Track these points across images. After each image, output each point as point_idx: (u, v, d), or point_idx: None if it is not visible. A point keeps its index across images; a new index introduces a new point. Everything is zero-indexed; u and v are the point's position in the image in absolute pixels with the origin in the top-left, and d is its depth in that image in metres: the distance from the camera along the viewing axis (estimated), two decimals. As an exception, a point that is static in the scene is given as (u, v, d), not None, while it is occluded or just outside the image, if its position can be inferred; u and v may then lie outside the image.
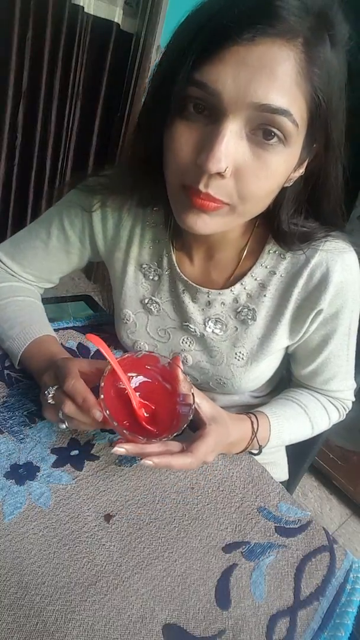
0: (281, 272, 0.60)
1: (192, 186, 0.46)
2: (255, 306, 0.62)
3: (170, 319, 0.67)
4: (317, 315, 0.60)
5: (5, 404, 0.58)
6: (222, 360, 0.65)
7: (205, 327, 0.64)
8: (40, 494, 0.48)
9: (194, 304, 0.65)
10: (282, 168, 0.46)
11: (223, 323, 0.64)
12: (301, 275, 0.59)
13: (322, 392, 0.71)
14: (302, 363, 0.69)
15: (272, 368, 0.69)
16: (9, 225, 2.38)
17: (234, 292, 0.62)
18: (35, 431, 0.55)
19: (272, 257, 0.61)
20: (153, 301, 0.67)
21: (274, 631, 0.42)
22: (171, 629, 0.40)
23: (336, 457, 1.59)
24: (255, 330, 0.63)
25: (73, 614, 0.39)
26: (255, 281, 0.62)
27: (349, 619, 0.44)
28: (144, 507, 0.50)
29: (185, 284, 0.64)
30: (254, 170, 0.44)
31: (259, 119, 0.42)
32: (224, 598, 0.44)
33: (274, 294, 0.61)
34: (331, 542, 0.52)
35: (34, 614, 0.38)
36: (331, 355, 0.66)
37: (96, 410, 0.47)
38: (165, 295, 0.66)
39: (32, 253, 0.71)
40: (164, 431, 0.49)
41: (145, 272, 0.67)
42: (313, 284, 0.59)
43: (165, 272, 0.66)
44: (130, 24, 2.25)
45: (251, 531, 0.51)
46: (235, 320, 0.63)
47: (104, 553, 0.44)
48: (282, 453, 0.85)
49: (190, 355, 0.67)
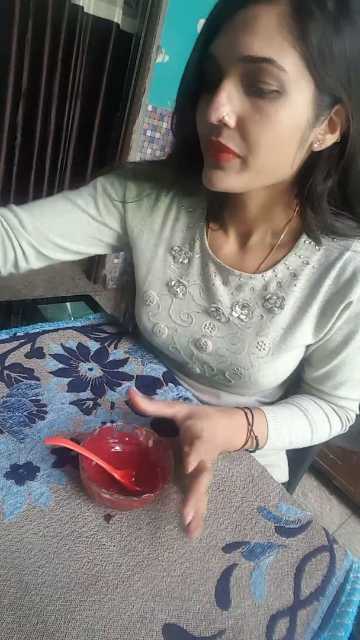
0: (314, 263, 0.62)
1: (208, 143, 0.52)
2: (284, 294, 0.63)
3: (195, 303, 0.68)
4: (345, 309, 0.60)
5: (5, 404, 0.58)
6: (244, 348, 0.65)
7: (232, 312, 0.65)
8: (40, 494, 0.48)
9: (225, 286, 0.66)
10: (285, 117, 0.48)
11: (250, 309, 0.65)
12: (334, 267, 0.60)
13: (329, 398, 0.69)
14: (317, 365, 0.68)
15: (290, 367, 0.69)
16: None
17: (265, 279, 0.64)
18: (35, 431, 0.55)
19: (307, 248, 0.62)
20: (180, 283, 0.68)
21: (274, 631, 0.42)
22: (171, 629, 0.40)
23: (336, 457, 1.59)
24: (280, 320, 0.63)
25: (73, 614, 0.39)
26: (287, 270, 0.63)
27: (349, 619, 0.44)
28: (144, 507, 0.50)
29: (218, 266, 0.66)
30: (254, 119, 0.49)
31: (249, 71, 0.47)
32: (224, 598, 0.44)
33: (305, 285, 0.62)
34: (331, 542, 0.52)
35: (34, 614, 0.38)
36: (347, 359, 0.65)
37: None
38: (194, 278, 0.68)
39: (51, 208, 0.69)
40: (157, 485, 0.49)
41: (175, 255, 0.69)
42: (345, 277, 0.60)
43: (196, 256, 0.68)
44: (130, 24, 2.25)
45: (251, 531, 0.51)
46: (262, 309, 0.64)
47: (104, 553, 0.44)
48: (282, 455, 0.85)
49: (210, 341, 0.67)
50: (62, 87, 2.24)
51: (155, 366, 0.73)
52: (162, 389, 0.69)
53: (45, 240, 0.69)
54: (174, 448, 0.52)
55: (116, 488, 0.49)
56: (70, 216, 0.69)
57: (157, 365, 0.73)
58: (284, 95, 0.47)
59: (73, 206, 0.69)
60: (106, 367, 0.70)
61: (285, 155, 0.52)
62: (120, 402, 0.64)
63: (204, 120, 0.51)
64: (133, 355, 0.75)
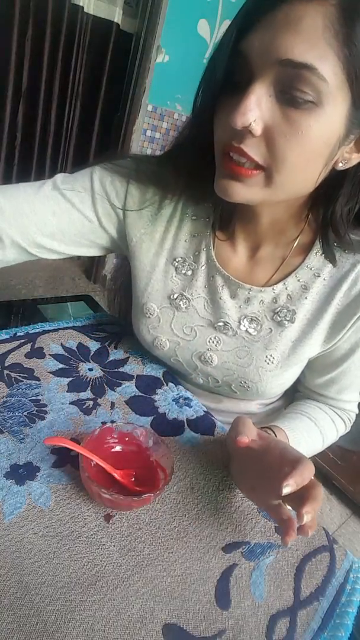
0: (325, 275, 0.60)
1: (226, 148, 0.47)
2: (295, 307, 0.61)
3: (199, 316, 0.65)
4: (358, 320, 0.59)
5: (5, 404, 0.58)
6: (252, 362, 0.63)
7: (240, 325, 0.63)
8: (40, 494, 0.48)
9: (232, 300, 0.63)
10: (316, 131, 0.44)
11: (259, 322, 0.62)
12: (346, 280, 0.58)
13: (332, 402, 0.69)
14: (321, 371, 0.67)
15: (296, 376, 0.68)
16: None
17: (275, 292, 0.61)
18: (35, 431, 0.55)
19: (319, 260, 0.60)
20: (183, 297, 0.64)
21: (274, 631, 0.42)
22: (171, 629, 0.40)
23: (336, 457, 1.59)
24: (290, 334, 0.61)
25: (73, 614, 0.39)
26: (298, 282, 0.60)
27: (349, 619, 0.44)
28: (144, 507, 0.50)
29: (227, 280, 0.62)
30: (282, 130, 0.44)
31: (285, 76, 0.42)
32: (224, 598, 0.44)
33: (315, 297, 0.60)
34: (331, 542, 0.52)
35: (34, 614, 0.38)
36: (352, 365, 0.64)
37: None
38: (198, 291, 0.64)
39: (41, 202, 0.60)
40: (157, 485, 0.48)
41: (177, 266, 0.65)
42: (357, 289, 0.58)
43: (201, 267, 0.63)
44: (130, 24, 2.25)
45: (251, 531, 0.51)
46: (271, 322, 0.62)
47: (104, 553, 0.44)
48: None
49: (216, 355, 0.65)
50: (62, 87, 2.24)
51: (156, 366, 0.73)
52: (162, 389, 0.69)
53: (31, 241, 0.62)
54: (173, 448, 0.52)
55: (116, 488, 0.49)
56: (63, 216, 0.62)
57: (157, 365, 0.73)
58: (319, 107, 0.42)
59: (67, 204, 0.62)
60: (106, 367, 0.70)
61: (311, 173, 0.48)
62: (120, 402, 0.64)
63: (225, 124, 0.46)
64: (133, 355, 0.75)
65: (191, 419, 0.64)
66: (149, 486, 0.48)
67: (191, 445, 0.60)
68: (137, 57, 2.22)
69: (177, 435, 0.61)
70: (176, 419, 0.63)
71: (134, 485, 0.50)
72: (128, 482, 0.50)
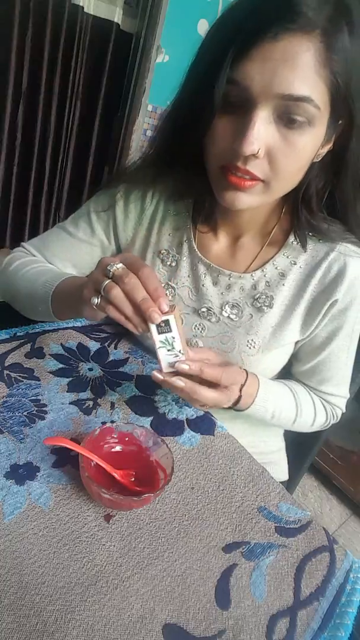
0: (301, 263, 0.64)
1: (229, 165, 0.52)
2: (273, 293, 0.65)
3: (185, 305, 0.69)
4: (331, 306, 0.63)
5: (5, 404, 0.58)
6: (234, 347, 0.66)
7: (222, 312, 0.67)
8: (40, 494, 0.48)
9: (214, 287, 0.67)
10: (309, 146, 0.51)
11: (239, 309, 0.66)
12: (319, 267, 0.63)
13: (316, 392, 0.72)
14: (303, 359, 0.70)
15: (280, 364, 0.71)
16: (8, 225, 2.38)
17: (254, 278, 0.65)
18: (35, 431, 0.55)
19: (295, 249, 0.64)
20: (169, 286, 0.70)
21: (274, 631, 0.42)
22: (171, 629, 0.40)
23: (336, 457, 1.59)
24: (269, 319, 0.65)
25: (73, 614, 0.39)
26: (276, 270, 0.65)
27: (349, 619, 0.44)
28: (144, 507, 0.50)
29: (208, 267, 0.67)
30: (283, 150, 0.50)
31: (284, 106, 0.47)
32: (224, 598, 0.44)
33: (292, 284, 0.64)
34: (331, 542, 0.52)
35: (34, 614, 0.38)
36: (332, 355, 0.67)
37: (164, 303, 0.49)
38: (182, 280, 0.69)
39: (58, 245, 0.75)
40: (157, 485, 0.48)
41: (163, 258, 0.70)
42: (330, 277, 0.62)
43: (184, 258, 0.69)
44: (130, 24, 2.25)
45: (251, 531, 0.51)
46: (251, 308, 0.66)
47: (104, 553, 0.44)
48: (282, 453, 0.85)
49: (201, 341, 0.69)
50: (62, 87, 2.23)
51: (155, 366, 0.73)
52: (162, 389, 0.69)
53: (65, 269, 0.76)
54: (173, 448, 0.52)
55: (116, 488, 0.49)
56: (75, 250, 0.75)
57: (157, 366, 0.73)
58: (311, 126, 0.49)
59: (74, 242, 0.74)
60: (106, 367, 0.70)
61: (300, 175, 0.55)
62: (120, 402, 0.64)
63: (225, 146, 0.51)
64: (133, 355, 0.75)
65: (191, 419, 0.64)
66: (149, 486, 0.48)
67: (191, 445, 0.60)
68: (137, 57, 2.22)
69: (177, 435, 0.61)
70: (176, 419, 0.63)
71: (134, 485, 0.50)
72: (128, 482, 0.50)
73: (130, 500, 0.45)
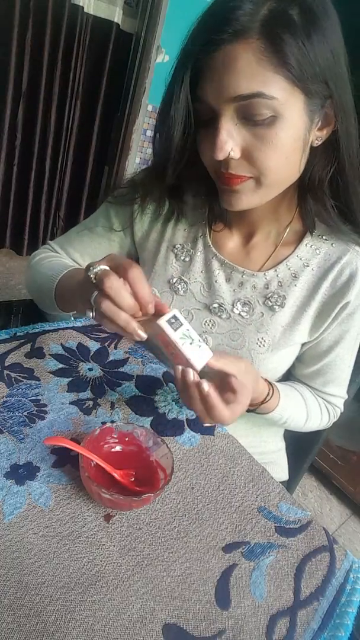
0: (313, 265, 0.65)
1: (218, 172, 0.55)
2: (285, 293, 0.65)
3: (196, 300, 0.70)
4: (342, 309, 0.64)
5: (5, 404, 0.58)
6: (244, 344, 0.67)
7: (233, 308, 0.67)
8: (40, 494, 0.48)
9: (227, 284, 0.68)
10: (284, 135, 0.51)
11: (251, 306, 0.67)
12: (332, 270, 0.63)
13: (319, 393, 0.73)
14: (308, 362, 0.71)
15: (287, 364, 0.71)
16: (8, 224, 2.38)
17: (267, 277, 0.66)
18: (35, 431, 0.55)
19: (308, 251, 0.65)
20: (181, 280, 0.70)
21: (274, 631, 0.42)
22: (171, 629, 0.40)
23: (336, 457, 1.59)
24: (280, 318, 0.66)
25: (73, 614, 0.39)
26: (288, 270, 0.66)
27: (349, 619, 0.44)
28: (144, 507, 0.50)
29: (222, 263, 0.68)
30: (258, 146, 0.51)
31: (242, 107, 0.49)
32: (224, 598, 0.44)
33: (304, 286, 0.65)
34: (331, 542, 0.52)
35: (34, 614, 0.38)
36: (337, 358, 0.68)
37: (150, 304, 0.48)
38: (195, 275, 0.70)
39: (78, 239, 0.78)
40: (157, 485, 0.48)
41: (177, 253, 0.71)
42: (342, 280, 0.63)
43: (198, 253, 0.70)
44: (130, 24, 2.25)
45: (251, 531, 0.51)
46: (263, 306, 0.66)
47: (104, 553, 0.44)
48: (282, 453, 0.85)
49: (211, 337, 0.69)
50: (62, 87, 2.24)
51: (155, 366, 0.73)
52: (162, 389, 0.69)
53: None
54: (173, 448, 0.52)
55: (116, 488, 0.49)
56: (94, 245, 0.77)
57: (157, 365, 0.73)
58: (279, 117, 0.49)
59: (94, 237, 0.77)
60: (106, 367, 0.70)
61: (292, 165, 0.55)
62: (120, 402, 0.64)
63: (209, 156, 0.53)
64: (133, 355, 0.75)
65: (191, 419, 0.64)
66: (149, 486, 0.48)
67: (191, 445, 0.60)
68: (137, 57, 2.23)
69: (177, 435, 0.61)
70: (176, 419, 0.64)
71: (134, 485, 0.50)
72: (128, 482, 0.50)
73: (130, 500, 0.45)
